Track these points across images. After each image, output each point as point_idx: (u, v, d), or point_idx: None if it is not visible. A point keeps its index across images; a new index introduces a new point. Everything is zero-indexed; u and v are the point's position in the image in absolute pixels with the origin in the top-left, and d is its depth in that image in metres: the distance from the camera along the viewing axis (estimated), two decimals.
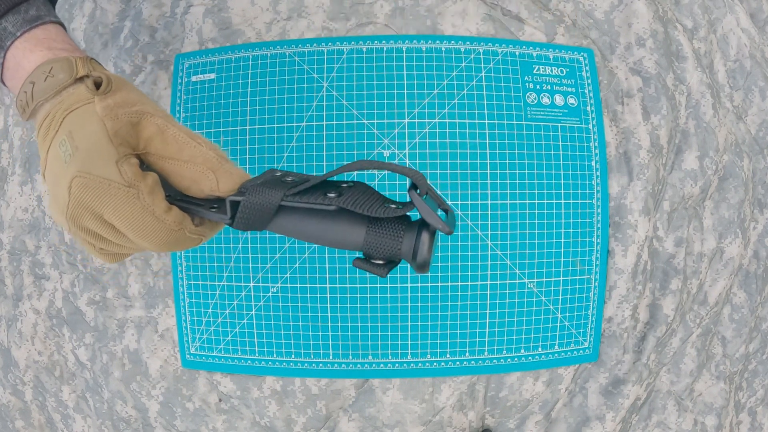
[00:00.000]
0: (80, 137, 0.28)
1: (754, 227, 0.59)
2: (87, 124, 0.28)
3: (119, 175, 0.27)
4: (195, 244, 0.30)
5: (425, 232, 0.28)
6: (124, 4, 0.57)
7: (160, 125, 0.30)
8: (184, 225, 0.29)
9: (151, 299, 0.56)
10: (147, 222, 0.27)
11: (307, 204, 0.28)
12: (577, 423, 0.56)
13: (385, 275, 0.29)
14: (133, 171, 0.28)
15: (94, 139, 0.28)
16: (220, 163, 0.30)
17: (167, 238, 0.28)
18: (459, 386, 0.54)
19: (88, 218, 0.28)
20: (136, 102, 0.30)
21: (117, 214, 0.27)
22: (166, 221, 0.28)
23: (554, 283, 0.53)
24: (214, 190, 0.29)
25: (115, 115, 0.29)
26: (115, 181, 0.27)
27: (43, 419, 0.61)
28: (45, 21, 0.33)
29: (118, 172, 0.27)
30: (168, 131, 0.30)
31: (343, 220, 0.29)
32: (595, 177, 0.54)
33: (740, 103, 0.60)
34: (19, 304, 0.60)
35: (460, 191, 0.52)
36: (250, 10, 0.55)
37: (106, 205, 0.27)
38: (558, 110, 0.54)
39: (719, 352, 0.59)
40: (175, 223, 0.28)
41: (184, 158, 0.29)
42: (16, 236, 0.60)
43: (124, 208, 0.27)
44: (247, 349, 0.54)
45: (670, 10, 0.58)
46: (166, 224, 0.28)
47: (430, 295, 0.52)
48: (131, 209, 0.27)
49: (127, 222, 0.27)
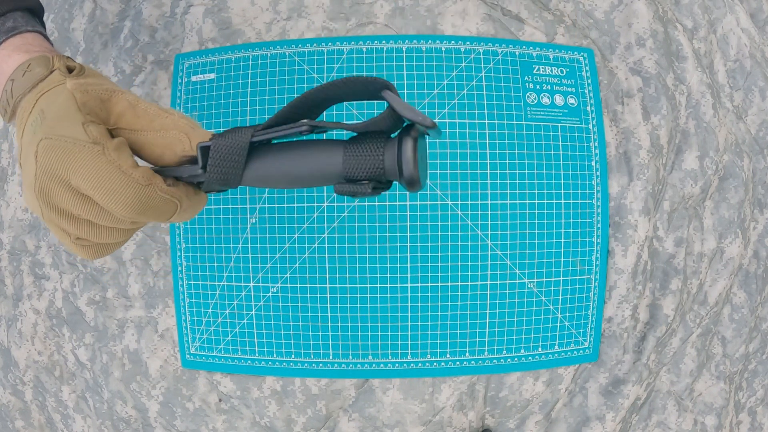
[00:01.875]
0: (49, 109, 0.28)
1: (754, 227, 0.59)
2: (56, 98, 0.29)
3: (84, 134, 0.27)
4: (172, 210, 0.29)
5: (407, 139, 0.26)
6: (124, 4, 0.57)
7: (131, 101, 0.30)
8: (153, 182, 0.27)
9: (151, 299, 0.56)
10: (113, 177, 0.26)
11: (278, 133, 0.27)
12: (577, 423, 0.56)
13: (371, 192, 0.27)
14: (99, 131, 0.27)
15: (61, 108, 0.28)
16: (193, 128, 0.30)
17: (136, 195, 0.27)
18: (459, 386, 0.54)
19: (56, 189, 0.27)
20: (107, 83, 0.30)
21: (82, 172, 0.26)
22: (134, 175, 0.27)
23: (554, 283, 0.53)
24: (187, 150, 0.29)
25: (85, 90, 0.29)
26: (81, 139, 0.27)
27: (43, 419, 0.61)
28: (21, 30, 0.34)
29: (83, 131, 0.27)
30: (139, 105, 0.30)
31: (319, 147, 0.27)
32: (595, 177, 0.54)
33: (740, 103, 0.60)
34: (19, 304, 0.60)
35: (460, 191, 0.52)
36: (250, 10, 0.55)
37: (72, 164, 0.26)
38: (558, 110, 0.54)
39: (719, 352, 0.59)
40: (143, 177, 0.27)
41: (156, 128, 0.29)
42: (16, 236, 0.60)
43: (88, 165, 0.26)
44: (247, 349, 0.54)
45: (670, 10, 0.58)
46: (134, 178, 0.27)
47: (430, 295, 0.52)
48: (96, 164, 0.26)
49: (93, 180, 0.26)
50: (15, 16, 0.34)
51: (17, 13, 0.35)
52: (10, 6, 0.35)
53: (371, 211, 0.52)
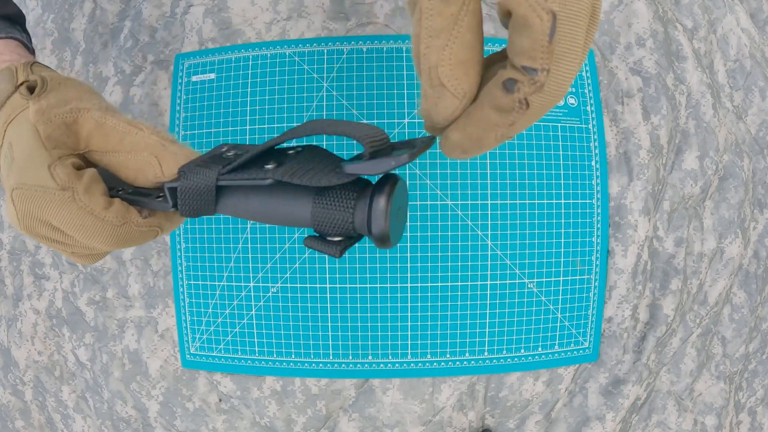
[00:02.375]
0: (17, 147, 0.27)
1: (754, 227, 0.59)
2: (22, 133, 0.28)
3: (52, 179, 0.26)
4: (153, 237, 0.29)
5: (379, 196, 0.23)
6: (124, 4, 0.57)
7: (98, 119, 0.28)
8: (128, 219, 0.27)
9: (151, 299, 0.56)
10: (88, 222, 0.26)
11: (241, 181, 0.25)
12: (577, 423, 0.56)
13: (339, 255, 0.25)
14: (66, 172, 0.27)
15: (26, 147, 0.27)
16: (164, 146, 0.28)
17: (112, 234, 0.27)
18: (459, 386, 0.54)
19: (39, 227, 0.27)
20: (71, 99, 0.29)
21: (58, 218, 0.26)
22: (107, 218, 0.27)
23: (554, 283, 0.53)
24: (159, 176, 0.28)
25: (48, 119, 0.28)
26: (49, 186, 0.26)
27: (43, 419, 0.61)
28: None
29: (50, 176, 0.26)
30: (106, 123, 0.28)
31: (287, 194, 0.26)
32: (595, 177, 0.54)
33: (740, 103, 0.60)
34: (19, 304, 0.60)
35: (460, 191, 0.52)
36: (250, 10, 0.55)
37: (47, 211, 0.26)
38: (558, 110, 0.54)
39: (719, 352, 0.59)
40: (117, 218, 0.27)
41: (126, 148, 0.28)
42: (16, 236, 0.60)
43: (62, 212, 0.26)
44: (247, 349, 0.54)
45: (670, 10, 0.58)
46: (108, 221, 0.27)
47: (430, 295, 0.52)
48: (68, 212, 0.26)
49: (69, 225, 0.26)
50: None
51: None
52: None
53: None
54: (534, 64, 0.20)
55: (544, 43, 0.19)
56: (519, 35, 0.20)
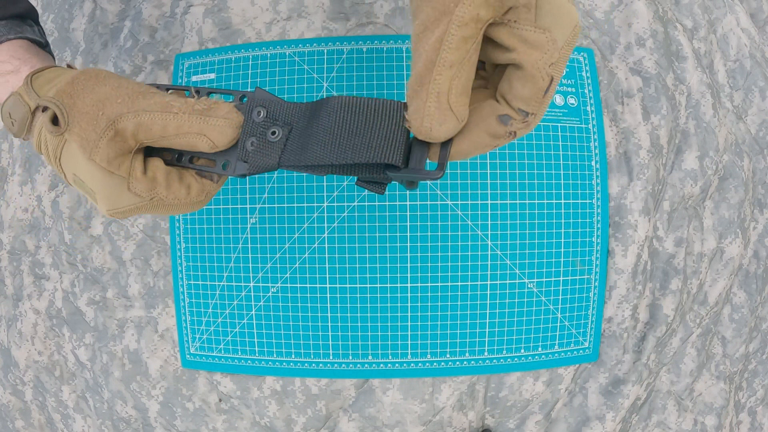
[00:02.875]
0: (87, 180, 0.30)
1: (754, 227, 0.59)
2: (81, 167, 0.29)
3: (137, 197, 0.30)
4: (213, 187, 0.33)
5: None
6: (124, 4, 0.57)
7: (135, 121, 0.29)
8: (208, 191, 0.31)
9: (151, 299, 0.56)
10: (178, 209, 0.31)
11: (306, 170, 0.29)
12: (577, 423, 0.56)
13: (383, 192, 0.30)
14: (145, 184, 0.29)
15: (97, 180, 0.29)
16: (205, 121, 0.29)
17: (197, 207, 0.31)
18: (459, 386, 0.54)
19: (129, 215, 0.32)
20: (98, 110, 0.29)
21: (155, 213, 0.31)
22: (191, 200, 0.31)
23: (554, 283, 0.53)
24: (213, 147, 0.29)
25: (96, 146, 0.28)
26: (137, 204, 0.30)
27: (43, 419, 0.61)
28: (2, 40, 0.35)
29: (134, 195, 0.29)
30: (143, 122, 0.29)
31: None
32: (595, 177, 0.54)
33: (740, 103, 0.59)
34: (19, 304, 0.60)
35: (460, 191, 0.52)
36: (250, 10, 0.55)
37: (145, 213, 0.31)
38: (558, 110, 0.54)
39: (719, 352, 0.59)
40: (198, 195, 0.31)
41: (172, 133, 0.29)
42: (16, 236, 0.60)
43: (157, 211, 0.31)
44: (247, 349, 0.54)
45: (670, 10, 0.58)
46: (191, 200, 0.31)
47: (430, 295, 0.52)
48: (163, 210, 0.31)
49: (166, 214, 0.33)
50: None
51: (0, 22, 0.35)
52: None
53: (371, 211, 0.52)
54: (528, 109, 0.26)
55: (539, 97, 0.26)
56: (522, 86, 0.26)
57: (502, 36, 0.26)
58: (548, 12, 0.25)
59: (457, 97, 0.25)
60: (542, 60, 0.25)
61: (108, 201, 0.30)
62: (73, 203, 0.57)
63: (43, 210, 0.58)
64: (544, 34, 0.25)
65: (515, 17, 0.25)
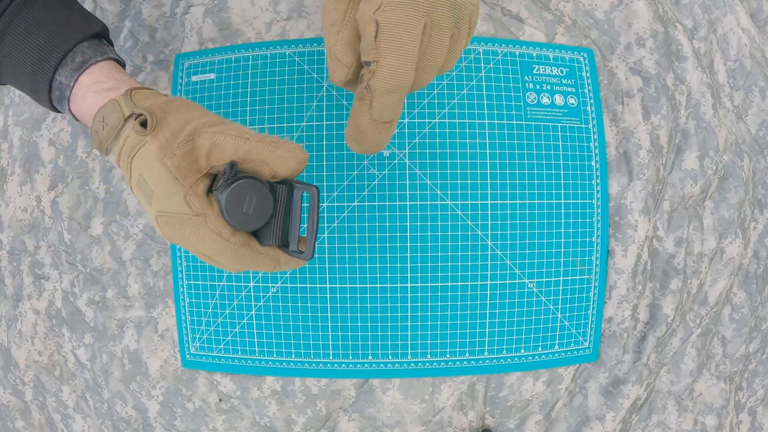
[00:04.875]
0: (151, 180, 0.32)
1: (754, 227, 0.60)
2: (151, 167, 0.31)
3: (188, 208, 0.31)
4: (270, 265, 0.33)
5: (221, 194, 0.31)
6: (124, 4, 0.57)
7: (211, 140, 0.31)
8: (249, 244, 0.32)
9: (151, 299, 0.56)
10: (217, 243, 0.31)
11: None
12: (577, 423, 0.56)
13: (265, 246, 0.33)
14: (200, 201, 0.31)
15: (161, 181, 0.31)
16: (272, 151, 0.32)
17: (235, 254, 0.32)
18: (459, 386, 0.54)
19: (180, 243, 0.32)
20: (183, 126, 0.32)
21: (194, 238, 0.31)
22: (231, 240, 0.31)
23: (554, 283, 0.53)
24: (274, 176, 0.33)
25: (171, 152, 0.31)
26: (186, 213, 0.31)
27: (43, 419, 0.61)
28: (91, 63, 0.36)
29: (187, 205, 0.31)
30: (218, 142, 0.31)
31: None
32: (595, 177, 0.54)
33: (740, 103, 0.60)
34: (19, 304, 0.60)
35: (460, 191, 0.52)
36: (250, 10, 0.55)
37: (185, 233, 0.31)
38: (558, 110, 0.54)
39: (719, 352, 0.59)
40: (239, 242, 0.32)
41: (241, 159, 0.32)
42: (16, 236, 0.60)
43: (197, 233, 0.31)
44: (247, 349, 0.54)
45: (670, 10, 0.58)
46: (231, 242, 0.31)
47: (430, 295, 0.52)
48: (202, 234, 0.31)
49: (202, 244, 0.31)
50: (82, 49, 0.37)
51: (84, 44, 0.37)
52: (77, 38, 0.37)
53: (371, 211, 0.52)
54: (368, 58, 0.30)
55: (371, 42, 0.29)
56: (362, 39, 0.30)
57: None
58: None
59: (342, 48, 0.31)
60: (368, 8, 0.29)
61: (161, 202, 0.31)
62: (73, 203, 0.57)
63: (42, 210, 0.58)
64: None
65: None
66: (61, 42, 0.36)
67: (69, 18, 0.38)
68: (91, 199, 0.57)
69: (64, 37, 0.36)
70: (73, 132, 0.57)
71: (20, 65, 0.37)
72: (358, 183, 0.52)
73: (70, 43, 0.36)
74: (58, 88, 0.37)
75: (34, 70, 0.36)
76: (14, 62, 0.37)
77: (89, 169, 0.57)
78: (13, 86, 0.41)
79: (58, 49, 0.36)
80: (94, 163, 0.57)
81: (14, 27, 0.36)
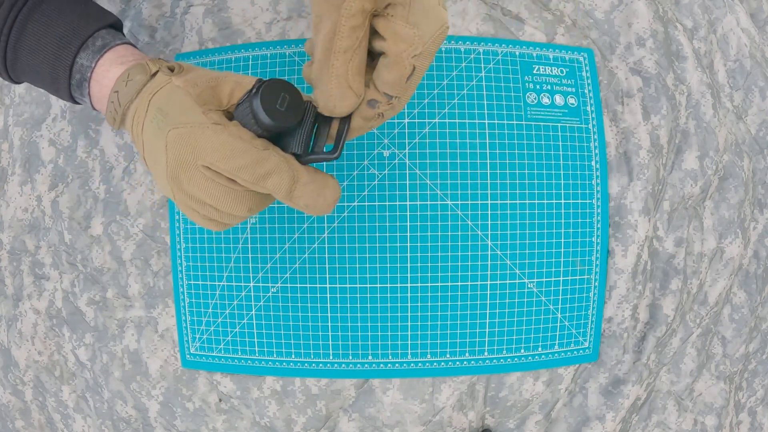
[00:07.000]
0: (169, 106, 0.32)
1: (754, 227, 0.60)
2: (172, 95, 0.32)
3: (206, 119, 0.31)
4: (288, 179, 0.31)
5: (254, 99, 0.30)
6: (124, 4, 0.57)
7: (236, 79, 0.33)
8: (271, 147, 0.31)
9: (151, 299, 0.56)
10: (236, 145, 0.30)
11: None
12: (577, 423, 0.56)
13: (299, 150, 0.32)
14: (219, 115, 0.31)
15: (180, 103, 0.31)
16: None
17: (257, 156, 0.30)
18: (459, 386, 0.54)
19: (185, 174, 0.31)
20: (209, 73, 0.34)
21: (209, 147, 0.30)
22: (253, 143, 0.30)
23: (554, 283, 0.53)
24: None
25: (195, 84, 0.32)
26: (204, 122, 0.30)
27: (43, 419, 0.61)
28: (112, 45, 0.38)
29: (205, 117, 0.31)
30: (242, 81, 0.33)
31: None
32: (595, 177, 0.54)
33: (740, 103, 0.60)
34: (19, 304, 0.60)
35: (460, 191, 0.52)
36: (250, 10, 0.55)
37: (199, 144, 0.30)
38: (558, 110, 0.54)
39: (719, 352, 0.59)
40: (262, 144, 0.31)
41: None
42: (16, 236, 0.60)
43: (213, 140, 0.30)
44: (247, 349, 0.54)
45: (670, 10, 0.58)
46: (253, 144, 0.30)
47: (430, 295, 0.52)
48: (220, 138, 0.30)
49: (218, 151, 0.30)
50: (102, 34, 0.38)
51: (103, 31, 0.39)
52: (97, 26, 0.39)
53: (371, 211, 0.52)
54: (392, 93, 0.31)
55: (402, 82, 0.30)
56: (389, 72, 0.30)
57: (380, 26, 0.30)
58: (419, 10, 0.29)
59: (354, 77, 0.30)
60: (407, 51, 0.29)
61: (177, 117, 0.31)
62: (73, 203, 0.57)
63: (43, 210, 0.58)
64: (412, 29, 0.29)
65: (393, 12, 0.29)
66: (82, 29, 0.38)
67: (86, 10, 0.40)
68: (91, 199, 0.57)
69: (84, 25, 0.38)
70: (73, 132, 0.57)
71: (41, 54, 0.38)
72: (358, 183, 0.52)
73: (91, 30, 0.38)
74: (78, 71, 0.38)
75: (55, 56, 0.37)
76: (34, 52, 0.38)
77: (89, 169, 0.57)
78: (29, 82, 0.42)
79: (79, 35, 0.37)
80: (94, 163, 0.57)
81: (34, 19, 0.38)
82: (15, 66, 0.40)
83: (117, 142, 0.56)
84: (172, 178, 0.31)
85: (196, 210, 0.33)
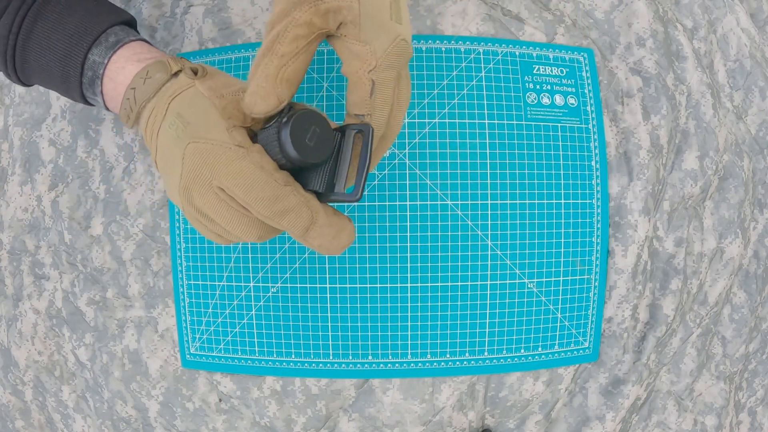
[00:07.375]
0: (190, 114, 0.30)
1: (754, 227, 0.60)
2: (195, 103, 0.31)
3: (229, 138, 0.29)
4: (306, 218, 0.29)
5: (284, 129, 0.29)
6: (124, 4, 0.57)
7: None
8: (292, 184, 0.29)
9: (151, 299, 0.56)
10: (255, 175, 0.28)
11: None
12: (577, 423, 0.56)
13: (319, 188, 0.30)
14: (243, 135, 0.30)
15: (203, 113, 0.30)
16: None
17: (274, 192, 0.28)
18: (459, 386, 0.54)
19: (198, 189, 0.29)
20: (235, 83, 0.32)
21: (226, 171, 0.28)
22: (274, 175, 0.29)
23: (554, 283, 0.53)
24: None
25: (220, 94, 0.31)
26: (226, 142, 0.29)
27: (43, 419, 0.61)
28: (126, 41, 0.36)
29: (228, 135, 0.29)
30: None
31: None
32: (595, 177, 0.54)
33: (740, 103, 0.60)
34: (19, 304, 0.60)
35: (460, 191, 0.52)
36: (250, 10, 0.55)
37: (217, 164, 0.28)
38: (558, 110, 0.54)
39: (719, 352, 0.59)
40: (282, 178, 0.29)
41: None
42: (16, 236, 0.60)
43: (233, 164, 0.28)
44: (247, 349, 0.54)
45: (670, 10, 0.58)
46: (274, 177, 0.28)
47: (430, 295, 0.52)
48: (240, 164, 0.28)
49: (236, 177, 0.28)
50: (115, 31, 0.37)
51: (116, 27, 0.37)
52: (110, 22, 0.37)
53: (371, 211, 0.52)
54: (360, 112, 0.31)
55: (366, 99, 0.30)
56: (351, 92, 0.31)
57: (337, 48, 0.30)
58: (369, 28, 0.29)
59: (282, 82, 0.29)
60: (362, 68, 0.30)
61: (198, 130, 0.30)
62: (73, 203, 0.57)
63: (42, 210, 0.58)
64: (364, 46, 0.29)
65: (344, 32, 0.30)
66: (94, 25, 0.36)
67: (98, 7, 0.38)
68: (91, 199, 0.57)
69: (96, 21, 0.36)
70: (73, 132, 0.57)
71: (51, 52, 0.36)
72: None
73: (103, 26, 0.36)
74: (90, 68, 0.36)
75: (66, 53, 0.36)
76: (44, 51, 0.36)
77: (89, 169, 0.57)
78: (40, 83, 0.41)
79: (92, 31, 0.36)
80: (94, 163, 0.57)
81: (43, 17, 0.36)
82: (24, 67, 0.38)
83: (117, 142, 0.56)
84: (184, 191, 0.30)
85: (204, 224, 0.31)
